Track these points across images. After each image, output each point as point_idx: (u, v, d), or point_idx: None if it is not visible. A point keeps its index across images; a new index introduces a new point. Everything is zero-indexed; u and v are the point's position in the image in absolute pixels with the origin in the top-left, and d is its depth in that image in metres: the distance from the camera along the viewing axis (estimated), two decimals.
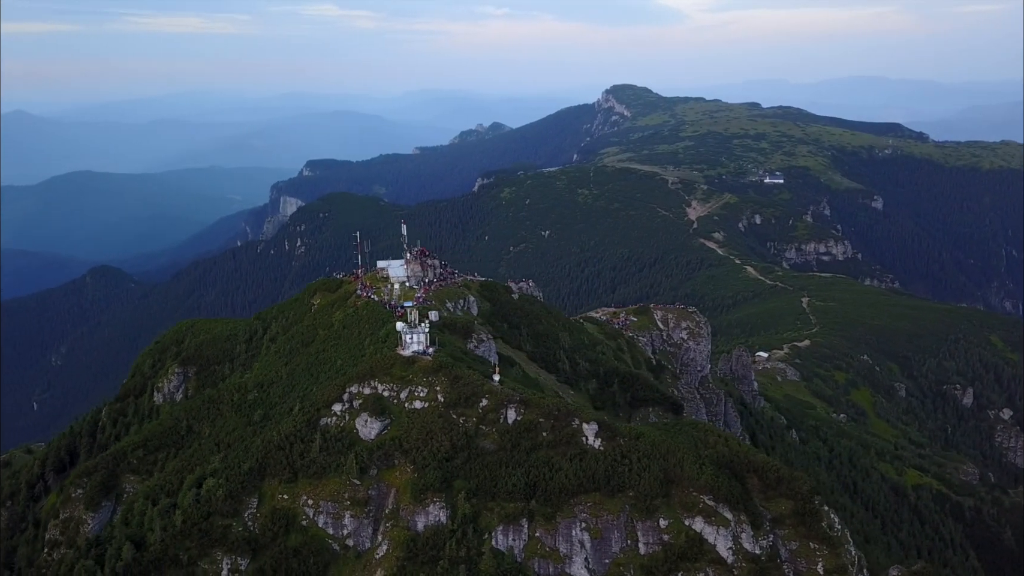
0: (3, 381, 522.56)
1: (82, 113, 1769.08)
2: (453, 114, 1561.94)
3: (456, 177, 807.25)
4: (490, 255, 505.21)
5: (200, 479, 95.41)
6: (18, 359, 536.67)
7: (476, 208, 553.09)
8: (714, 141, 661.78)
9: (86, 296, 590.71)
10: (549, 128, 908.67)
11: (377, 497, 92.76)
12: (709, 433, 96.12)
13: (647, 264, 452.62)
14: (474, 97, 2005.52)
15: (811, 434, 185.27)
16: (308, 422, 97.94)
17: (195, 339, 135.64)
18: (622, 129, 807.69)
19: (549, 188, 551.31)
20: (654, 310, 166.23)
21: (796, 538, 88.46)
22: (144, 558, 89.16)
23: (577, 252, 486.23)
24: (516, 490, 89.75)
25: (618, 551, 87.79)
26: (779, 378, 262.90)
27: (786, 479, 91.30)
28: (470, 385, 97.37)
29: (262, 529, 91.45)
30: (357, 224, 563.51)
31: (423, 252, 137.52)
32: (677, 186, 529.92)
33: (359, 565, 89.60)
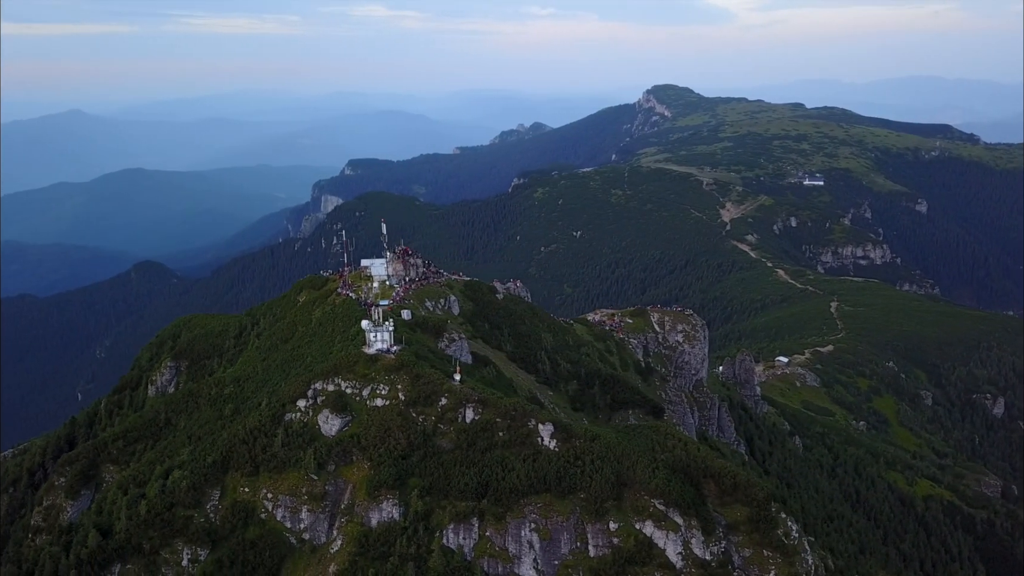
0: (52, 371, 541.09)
1: (136, 112, 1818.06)
2: (498, 114, 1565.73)
3: (495, 177, 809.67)
4: (521, 255, 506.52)
5: (168, 470, 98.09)
6: (65, 350, 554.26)
7: (509, 208, 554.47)
8: (753, 142, 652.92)
9: (131, 290, 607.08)
10: (589, 128, 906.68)
11: (334, 492, 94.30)
12: (668, 437, 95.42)
13: (678, 266, 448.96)
14: (519, 97, 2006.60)
15: (816, 441, 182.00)
16: (273, 417, 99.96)
17: (190, 334, 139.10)
18: (662, 130, 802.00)
19: (583, 188, 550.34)
20: (651, 312, 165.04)
21: (750, 545, 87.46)
22: (108, 546, 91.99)
23: (608, 253, 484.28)
24: (468, 489, 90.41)
25: (567, 553, 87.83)
26: (798, 383, 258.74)
27: (742, 485, 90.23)
28: (430, 384, 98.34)
29: (222, 521, 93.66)
30: (393, 223, 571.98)
31: (406, 251, 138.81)
32: (712, 187, 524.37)
33: (314, 559, 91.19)
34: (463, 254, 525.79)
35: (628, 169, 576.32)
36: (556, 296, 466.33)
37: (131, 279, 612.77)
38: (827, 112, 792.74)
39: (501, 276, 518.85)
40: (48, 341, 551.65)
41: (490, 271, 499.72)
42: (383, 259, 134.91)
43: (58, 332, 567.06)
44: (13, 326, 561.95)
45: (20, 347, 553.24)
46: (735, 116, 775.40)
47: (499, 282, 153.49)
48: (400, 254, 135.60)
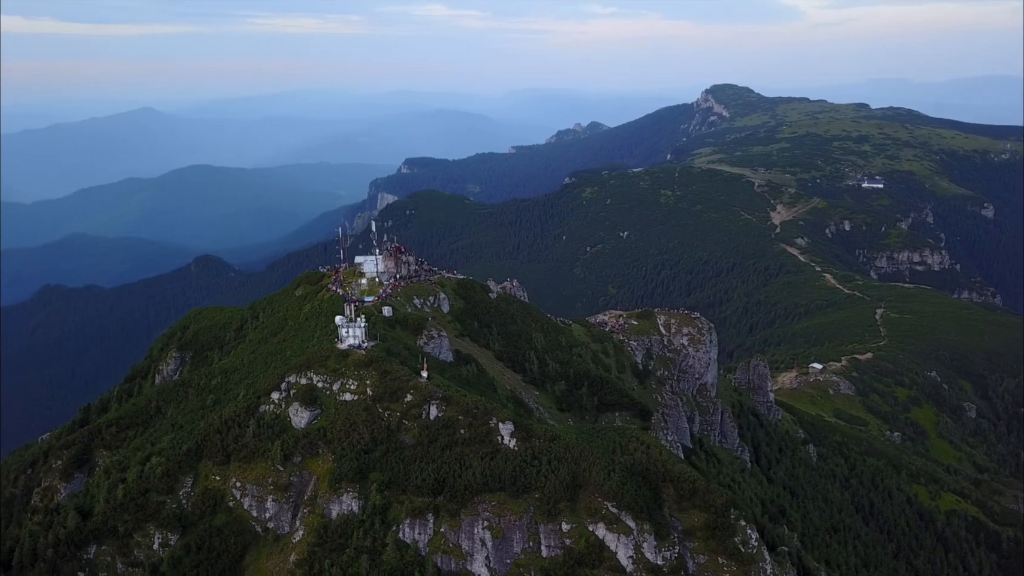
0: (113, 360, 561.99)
1: (204, 110, 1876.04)
2: (556, 113, 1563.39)
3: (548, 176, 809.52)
4: (566, 255, 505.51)
5: (148, 457, 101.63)
6: (125, 342, 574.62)
7: (557, 208, 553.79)
8: (812, 143, 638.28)
9: (190, 283, 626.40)
10: (646, 128, 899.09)
11: (299, 483, 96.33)
12: (631, 439, 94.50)
13: (724, 269, 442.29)
14: (578, 96, 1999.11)
15: (832, 451, 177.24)
16: (248, 408, 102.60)
17: (197, 326, 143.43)
18: (719, 130, 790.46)
19: (632, 188, 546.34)
20: (657, 315, 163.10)
21: (706, 552, 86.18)
22: (86, 527, 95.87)
23: (655, 254, 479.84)
24: (425, 485, 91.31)
25: (519, 552, 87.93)
26: (831, 391, 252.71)
27: (701, 491, 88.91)
28: (397, 380, 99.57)
29: (193, 507, 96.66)
30: (442, 221, 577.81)
31: (399, 249, 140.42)
32: (763, 189, 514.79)
33: (276, 548, 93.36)
34: (508, 253, 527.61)
35: (679, 169, 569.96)
36: (600, 297, 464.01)
37: (191, 272, 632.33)
38: (892, 113, 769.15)
39: (546, 276, 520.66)
40: (110, 331, 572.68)
41: (534, 271, 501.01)
42: (378, 256, 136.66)
43: (120, 323, 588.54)
44: (80, 316, 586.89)
45: (86, 336, 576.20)
46: (795, 116, 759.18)
47: (493, 281, 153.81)
48: (392, 252, 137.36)
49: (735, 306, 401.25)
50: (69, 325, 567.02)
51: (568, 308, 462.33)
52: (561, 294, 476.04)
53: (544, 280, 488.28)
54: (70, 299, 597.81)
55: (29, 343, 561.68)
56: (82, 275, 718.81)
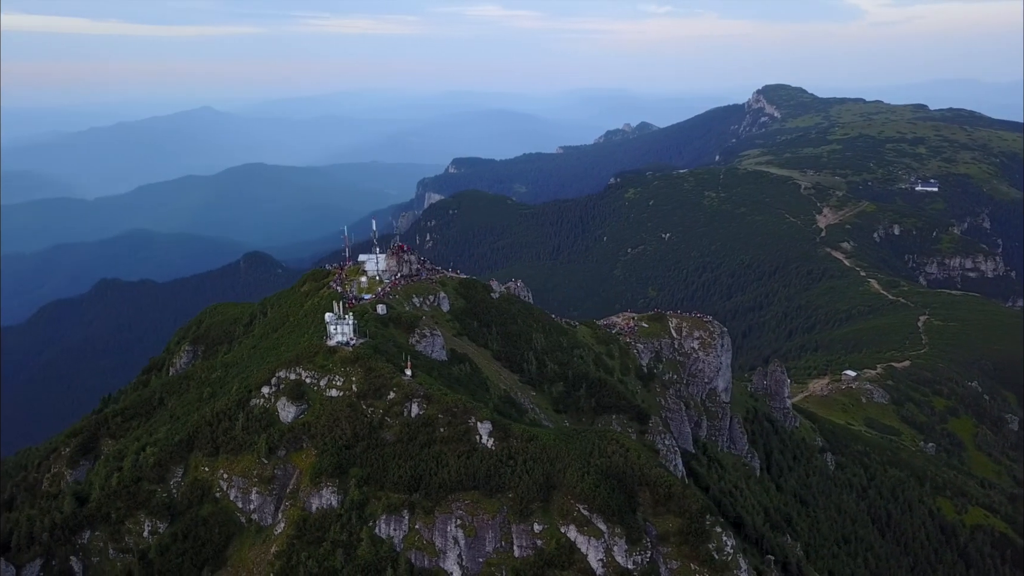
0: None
1: (260, 109, 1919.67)
2: (607, 113, 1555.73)
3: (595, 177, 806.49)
4: (606, 256, 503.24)
5: (144, 447, 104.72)
6: None
7: (599, 208, 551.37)
8: (864, 145, 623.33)
9: (239, 279, 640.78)
10: (695, 129, 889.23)
11: (282, 477, 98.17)
12: (611, 442, 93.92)
13: (766, 272, 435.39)
14: (631, 96, 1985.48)
15: (852, 460, 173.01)
16: (239, 402, 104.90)
17: (210, 320, 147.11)
18: (769, 131, 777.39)
19: (675, 189, 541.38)
20: (669, 318, 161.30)
21: (679, 557, 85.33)
22: (82, 513, 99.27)
23: (696, 256, 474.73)
24: (402, 482, 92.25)
25: (491, 551, 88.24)
26: (863, 399, 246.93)
27: (677, 496, 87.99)
28: (381, 378, 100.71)
29: (182, 497, 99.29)
30: (483, 221, 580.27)
31: (401, 248, 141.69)
32: (810, 192, 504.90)
33: (259, 539, 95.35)
34: (548, 253, 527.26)
35: (724, 171, 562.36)
36: (640, 299, 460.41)
37: (240, 268, 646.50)
38: (952, 114, 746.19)
39: (585, 277, 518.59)
40: (162, 324, 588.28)
41: (573, 271, 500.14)
42: (382, 255, 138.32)
43: (171, 316, 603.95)
44: (134, 309, 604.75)
45: (139, 328, 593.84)
46: (848, 118, 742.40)
47: (496, 281, 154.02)
48: (395, 251, 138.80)
49: (775, 311, 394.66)
50: (124, 317, 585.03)
51: (606, 310, 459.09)
52: (600, 295, 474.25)
53: (583, 281, 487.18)
54: (125, 292, 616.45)
55: (87, 334, 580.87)
56: (140, 269, 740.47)
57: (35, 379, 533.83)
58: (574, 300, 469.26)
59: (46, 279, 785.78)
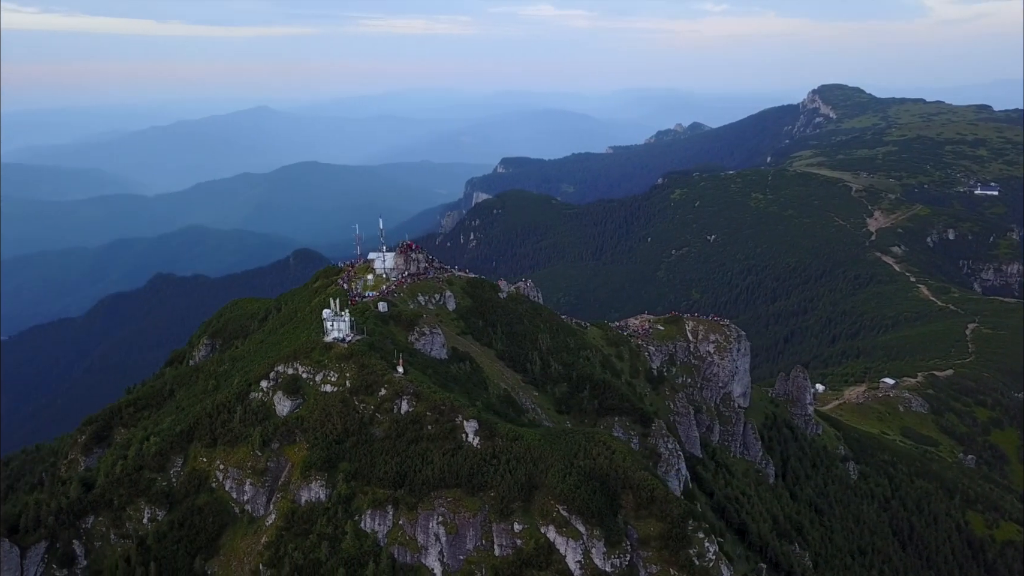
0: None
1: (315, 108, 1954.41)
2: (661, 113, 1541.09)
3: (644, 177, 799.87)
4: (650, 257, 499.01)
5: (148, 436, 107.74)
6: None
7: (644, 209, 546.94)
8: (922, 147, 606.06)
9: (288, 275, 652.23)
10: (748, 129, 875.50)
11: (275, 469, 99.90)
12: (598, 444, 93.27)
13: (812, 276, 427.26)
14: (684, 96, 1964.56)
15: (876, 470, 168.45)
16: (238, 395, 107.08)
17: (230, 315, 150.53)
18: (824, 131, 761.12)
19: (722, 191, 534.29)
20: (686, 320, 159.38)
21: (659, 562, 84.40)
22: (86, 498, 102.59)
23: (741, 259, 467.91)
24: (387, 477, 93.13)
25: (472, 549, 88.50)
26: (901, 408, 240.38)
27: (659, 500, 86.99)
28: (373, 374, 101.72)
29: (180, 486, 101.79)
30: (528, 221, 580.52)
31: (409, 247, 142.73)
32: (861, 194, 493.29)
33: (251, 530, 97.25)
34: (591, 254, 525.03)
35: (772, 172, 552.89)
36: (683, 301, 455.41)
37: (289, 264, 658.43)
38: (1017, 115, 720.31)
39: (627, 278, 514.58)
40: None
41: (616, 272, 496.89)
42: (390, 253, 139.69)
43: None
44: (186, 303, 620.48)
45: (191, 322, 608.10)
46: (907, 118, 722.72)
47: (505, 281, 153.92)
48: (403, 249, 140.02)
49: (819, 315, 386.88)
50: (176, 311, 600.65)
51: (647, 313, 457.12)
52: (643, 297, 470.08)
53: (625, 282, 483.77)
54: (179, 287, 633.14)
55: (142, 326, 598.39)
56: (195, 264, 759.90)
57: (93, 369, 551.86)
58: (616, 302, 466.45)
59: (107, 273, 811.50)
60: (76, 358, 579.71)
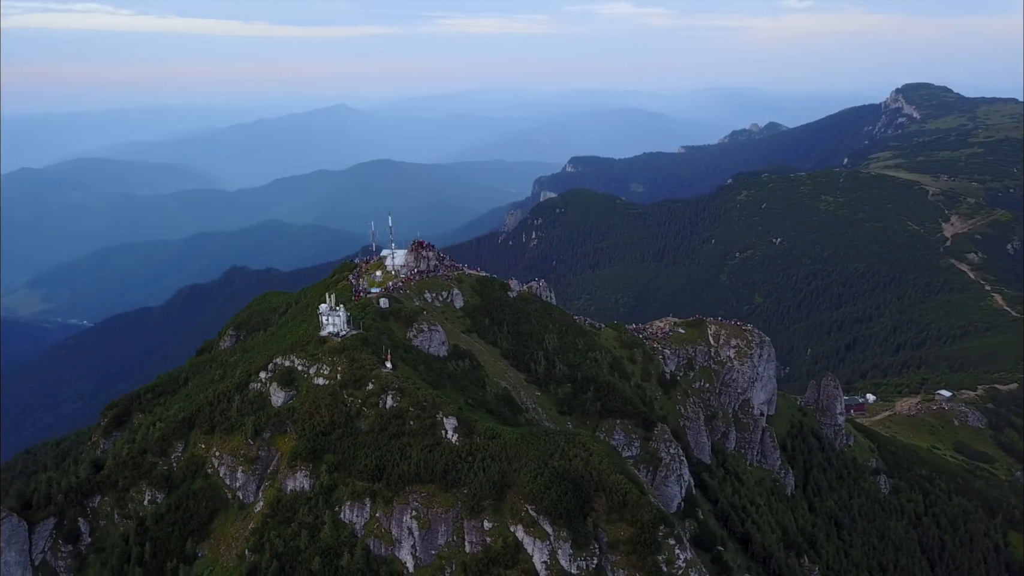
0: None
1: (392, 107, 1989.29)
2: (738, 112, 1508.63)
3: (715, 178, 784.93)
4: (712, 260, 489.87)
5: (156, 421, 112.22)
6: None
7: (710, 210, 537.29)
8: (1010, 148, 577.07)
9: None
10: (826, 130, 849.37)
11: (266, 458, 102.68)
12: (576, 445, 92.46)
13: (881, 283, 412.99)
14: (763, 95, 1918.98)
15: (910, 485, 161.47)
16: (238, 385, 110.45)
17: (256, 307, 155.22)
18: (905, 132, 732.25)
19: (790, 192, 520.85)
20: (708, 324, 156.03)
21: (626, 566, 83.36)
22: (94, 479, 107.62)
23: (807, 263, 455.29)
24: (367, 470, 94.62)
25: (443, 544, 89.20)
26: (956, 422, 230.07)
27: (631, 505, 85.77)
28: (362, 369, 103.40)
29: (179, 471, 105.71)
30: (590, 220, 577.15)
31: (420, 244, 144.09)
32: (937, 198, 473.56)
33: (240, 515, 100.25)
34: (653, 255, 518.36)
35: (844, 174, 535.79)
36: (745, 305, 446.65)
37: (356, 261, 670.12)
38: None
39: (688, 280, 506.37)
40: None
41: (677, 274, 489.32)
42: (402, 250, 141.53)
43: None
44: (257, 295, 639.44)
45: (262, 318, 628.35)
46: (996, 119, 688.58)
47: (515, 280, 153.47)
48: (414, 247, 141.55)
49: (884, 323, 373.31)
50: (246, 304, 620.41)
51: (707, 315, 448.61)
52: (703, 300, 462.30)
53: (686, 284, 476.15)
54: (251, 280, 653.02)
55: (213, 319, 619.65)
56: (269, 258, 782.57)
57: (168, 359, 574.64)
58: (675, 304, 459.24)
59: (188, 264, 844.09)
60: (154, 346, 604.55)
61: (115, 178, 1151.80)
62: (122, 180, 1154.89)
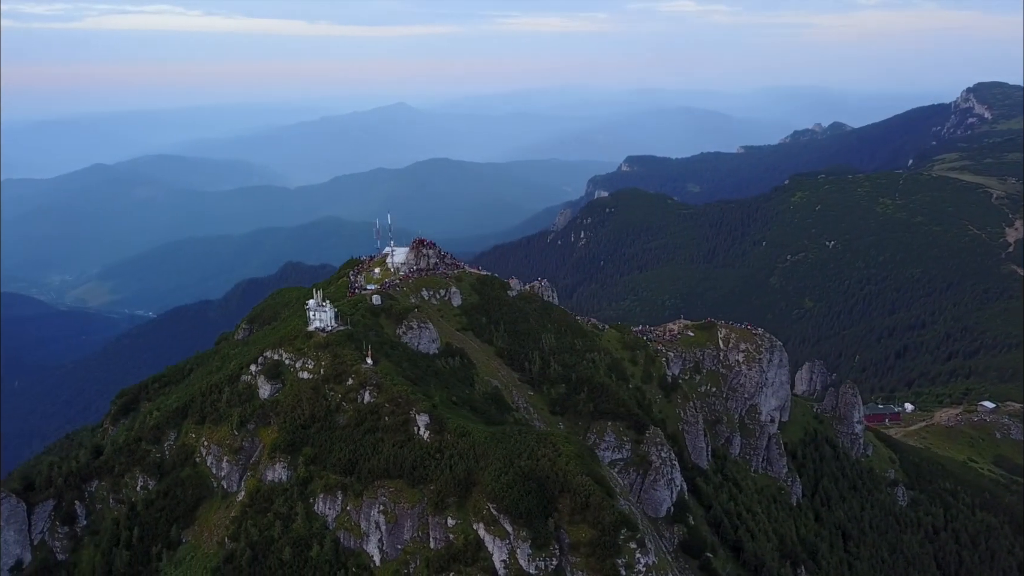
0: None
1: (452, 106, 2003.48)
2: (803, 112, 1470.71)
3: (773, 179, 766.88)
4: (763, 262, 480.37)
5: (153, 411, 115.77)
6: None
7: (762, 211, 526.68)
8: None
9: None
10: (892, 130, 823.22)
11: (249, 448, 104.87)
12: (546, 444, 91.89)
13: (937, 289, 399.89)
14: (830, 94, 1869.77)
15: (931, 498, 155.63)
16: (230, 377, 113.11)
17: (271, 301, 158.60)
18: (975, 133, 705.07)
19: (847, 195, 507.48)
20: (719, 328, 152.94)
21: (585, 568, 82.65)
22: (93, 464, 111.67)
23: (861, 267, 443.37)
24: (340, 464, 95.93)
25: (409, 540, 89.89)
26: (998, 434, 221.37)
27: (593, 506, 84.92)
28: (343, 364, 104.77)
29: (171, 459, 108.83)
30: (640, 220, 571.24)
31: (421, 242, 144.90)
32: (1002, 201, 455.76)
33: (223, 504, 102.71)
34: (703, 257, 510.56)
35: (905, 176, 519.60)
36: (795, 310, 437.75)
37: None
38: None
39: (737, 283, 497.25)
40: None
41: (726, 277, 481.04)
42: (403, 248, 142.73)
43: None
44: None
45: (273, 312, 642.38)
46: None
47: (516, 279, 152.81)
48: (415, 244, 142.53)
49: (938, 331, 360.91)
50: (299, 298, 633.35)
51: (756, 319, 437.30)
52: (751, 303, 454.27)
53: (735, 287, 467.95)
54: (305, 275, 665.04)
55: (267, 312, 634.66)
56: (326, 254, 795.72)
57: None
58: (724, 307, 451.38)
59: (248, 259, 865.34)
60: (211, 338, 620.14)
61: (182, 174, 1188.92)
62: (189, 176, 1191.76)
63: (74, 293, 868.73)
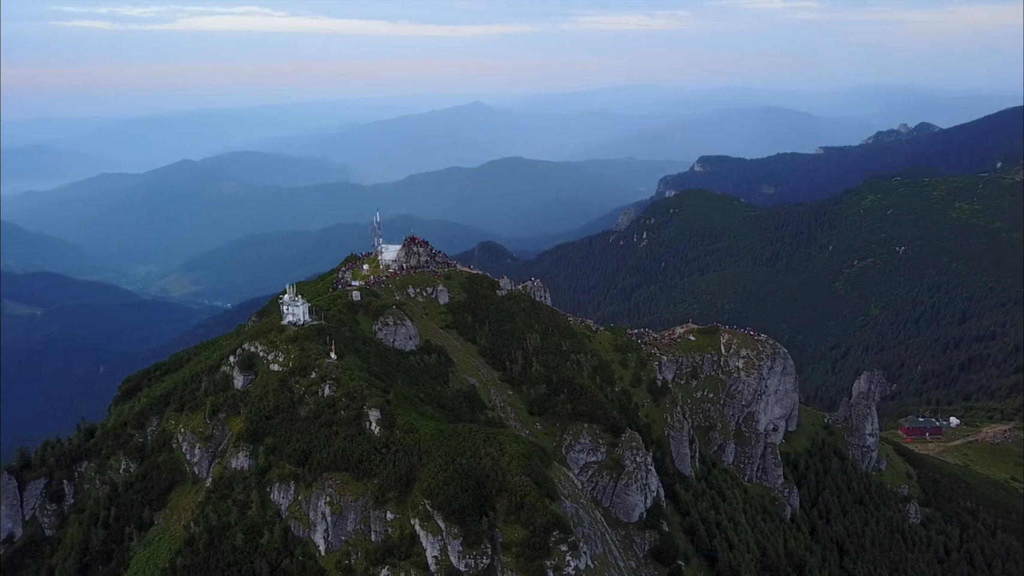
0: None
1: (528, 105, 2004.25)
2: (891, 112, 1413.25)
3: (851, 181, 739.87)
4: (828, 267, 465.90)
5: (141, 397, 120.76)
6: None
7: (830, 214, 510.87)
8: None
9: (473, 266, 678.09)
10: (982, 131, 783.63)
11: (219, 436, 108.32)
12: (493, 443, 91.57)
13: (1009, 299, 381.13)
14: (921, 93, 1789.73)
15: (948, 517, 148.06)
16: (210, 367, 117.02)
17: None
18: None
19: (920, 198, 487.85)
20: (722, 333, 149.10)
21: (515, 569, 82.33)
22: (83, 445, 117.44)
23: (931, 274, 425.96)
24: (295, 455, 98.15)
25: (352, 532, 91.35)
26: None
27: (528, 507, 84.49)
28: (308, 358, 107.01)
29: (151, 444, 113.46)
30: (705, 221, 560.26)
31: (412, 240, 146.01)
32: None
33: (193, 490, 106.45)
34: (766, 260, 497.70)
35: (984, 180, 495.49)
36: (859, 316, 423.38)
37: (473, 256, 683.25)
38: None
39: (800, 288, 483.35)
40: None
41: (788, 281, 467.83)
42: (395, 246, 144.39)
43: None
44: None
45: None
46: None
47: (507, 278, 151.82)
48: (406, 242, 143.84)
49: (1007, 343, 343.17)
50: None
51: (818, 326, 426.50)
52: (813, 310, 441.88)
53: (798, 292, 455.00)
54: None
55: None
56: None
57: None
58: (785, 313, 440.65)
59: (322, 254, 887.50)
60: None
61: (262, 171, 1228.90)
62: (269, 173, 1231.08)
63: (159, 284, 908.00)
